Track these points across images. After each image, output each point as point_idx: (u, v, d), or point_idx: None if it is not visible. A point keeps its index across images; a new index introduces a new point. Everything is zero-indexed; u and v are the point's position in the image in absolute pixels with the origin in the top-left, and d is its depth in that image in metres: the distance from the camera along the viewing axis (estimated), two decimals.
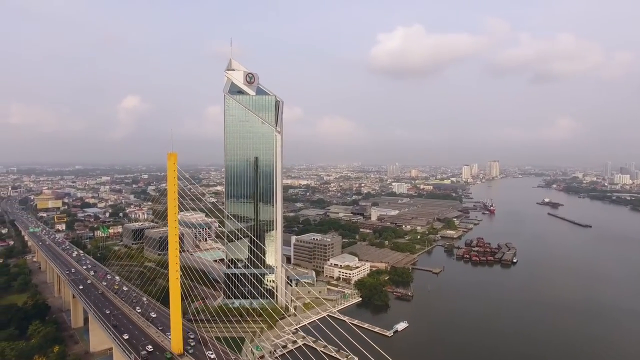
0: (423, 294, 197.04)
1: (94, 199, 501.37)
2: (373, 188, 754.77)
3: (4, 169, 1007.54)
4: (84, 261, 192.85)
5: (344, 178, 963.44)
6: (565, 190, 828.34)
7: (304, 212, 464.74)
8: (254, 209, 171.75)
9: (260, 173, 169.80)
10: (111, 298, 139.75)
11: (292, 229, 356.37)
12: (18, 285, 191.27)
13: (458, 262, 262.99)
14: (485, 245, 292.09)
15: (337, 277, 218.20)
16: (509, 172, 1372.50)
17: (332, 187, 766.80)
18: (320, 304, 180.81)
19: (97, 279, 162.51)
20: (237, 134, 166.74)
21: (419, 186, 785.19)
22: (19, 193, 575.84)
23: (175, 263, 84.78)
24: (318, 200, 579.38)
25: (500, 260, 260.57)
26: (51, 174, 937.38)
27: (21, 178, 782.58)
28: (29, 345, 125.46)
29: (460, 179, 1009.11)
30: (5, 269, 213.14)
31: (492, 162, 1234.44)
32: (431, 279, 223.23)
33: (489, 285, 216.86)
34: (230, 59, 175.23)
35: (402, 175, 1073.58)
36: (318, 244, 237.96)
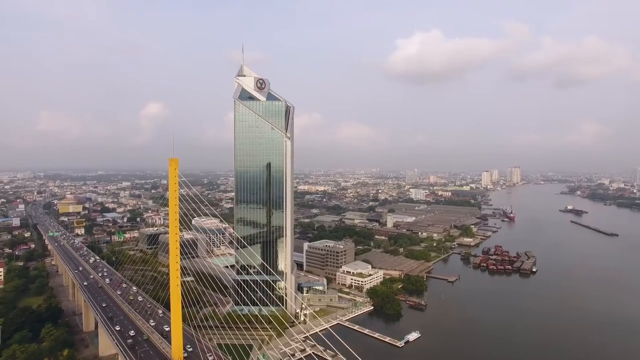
0: (437, 303, 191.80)
1: (114, 204, 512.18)
2: (390, 194, 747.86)
3: (32, 175, 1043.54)
4: (100, 268, 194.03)
5: (361, 184, 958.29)
6: (590, 197, 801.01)
7: (320, 218, 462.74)
8: (264, 215, 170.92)
9: (271, 179, 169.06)
10: (124, 309, 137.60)
11: (306, 235, 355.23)
12: (35, 288, 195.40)
13: (474, 271, 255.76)
14: (504, 254, 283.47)
15: (350, 284, 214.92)
16: (531, 179, 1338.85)
17: (349, 193, 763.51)
18: (330, 312, 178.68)
19: (113, 287, 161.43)
20: (247, 139, 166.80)
21: (437, 192, 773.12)
22: (43, 198, 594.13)
23: (175, 270, 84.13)
24: (334, 206, 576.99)
25: (519, 269, 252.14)
26: (75, 179, 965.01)
27: (47, 183, 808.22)
28: (40, 348, 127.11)
29: (479, 185, 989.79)
30: (25, 272, 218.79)
31: (513, 168, 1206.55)
32: (446, 287, 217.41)
33: (507, 295, 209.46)
34: (242, 65, 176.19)
35: (421, 181, 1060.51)
36: (330, 251, 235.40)
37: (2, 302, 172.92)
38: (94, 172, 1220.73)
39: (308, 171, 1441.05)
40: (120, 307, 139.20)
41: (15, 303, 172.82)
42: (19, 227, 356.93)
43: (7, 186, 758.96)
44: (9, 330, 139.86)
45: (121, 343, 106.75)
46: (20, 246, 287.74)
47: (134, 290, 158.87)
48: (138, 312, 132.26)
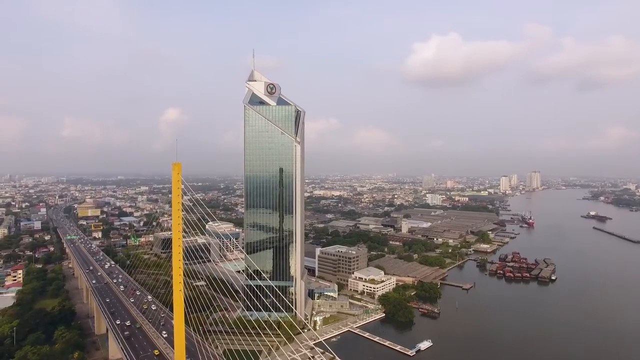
0: (451, 311, 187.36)
1: (131, 208, 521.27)
2: (406, 199, 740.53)
3: (55, 179, 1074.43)
4: (115, 274, 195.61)
5: (377, 189, 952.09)
6: (614, 202, 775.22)
7: (334, 223, 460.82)
8: (274, 220, 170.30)
9: (280, 183, 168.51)
10: (137, 318, 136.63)
11: (320, 240, 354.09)
12: (52, 290, 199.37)
13: (491, 278, 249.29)
14: (521, 261, 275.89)
15: (362, 291, 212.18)
16: (552, 184, 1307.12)
17: (365, 198, 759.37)
18: (341, 318, 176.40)
19: (127, 295, 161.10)
20: (256, 144, 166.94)
21: (454, 198, 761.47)
22: (64, 201, 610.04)
23: (178, 275, 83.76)
24: (349, 211, 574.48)
25: (537, 276, 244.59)
26: (95, 183, 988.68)
27: (68, 187, 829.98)
28: (52, 349, 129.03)
29: (498, 190, 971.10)
30: (43, 274, 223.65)
31: (533, 172, 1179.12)
32: (460, 295, 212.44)
33: (524, 303, 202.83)
34: (252, 70, 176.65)
35: (438, 186, 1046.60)
36: (343, 257, 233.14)
37: (20, 303, 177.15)
38: (114, 177, 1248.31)
39: (324, 176, 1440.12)
40: (133, 316, 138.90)
41: (32, 304, 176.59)
42: (40, 230, 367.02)
43: (32, 190, 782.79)
44: (23, 331, 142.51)
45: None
46: (40, 249, 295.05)
47: (148, 299, 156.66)
48: (150, 321, 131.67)
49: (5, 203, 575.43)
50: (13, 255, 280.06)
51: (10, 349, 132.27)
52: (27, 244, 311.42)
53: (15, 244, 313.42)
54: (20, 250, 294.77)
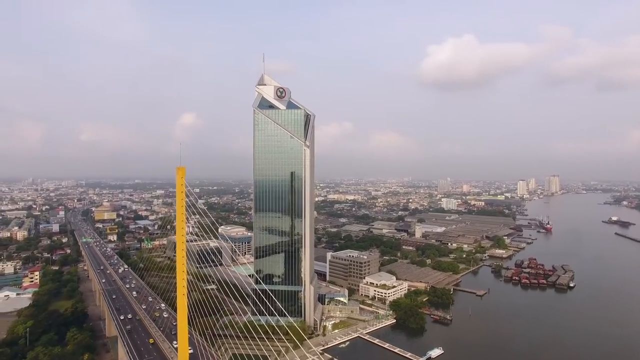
0: (463, 318, 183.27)
1: (147, 212, 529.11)
2: (421, 204, 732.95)
3: (74, 183, 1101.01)
4: (128, 279, 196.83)
5: (392, 193, 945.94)
6: (638, 207, 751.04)
7: (347, 227, 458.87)
8: (283, 224, 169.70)
9: (288, 188, 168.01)
10: (148, 327, 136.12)
11: (332, 244, 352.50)
12: (66, 292, 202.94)
13: (506, 285, 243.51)
14: (538, 267, 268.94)
15: (373, 296, 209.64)
16: (571, 188, 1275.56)
17: (379, 202, 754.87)
18: (351, 324, 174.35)
19: (139, 301, 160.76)
20: (265, 148, 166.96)
21: (470, 202, 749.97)
22: (83, 205, 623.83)
23: (182, 279, 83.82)
24: (363, 215, 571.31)
25: (554, 283, 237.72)
26: (113, 187, 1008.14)
27: (87, 191, 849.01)
28: (64, 351, 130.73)
29: (515, 194, 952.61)
30: (58, 276, 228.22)
31: (552, 176, 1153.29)
32: (474, 301, 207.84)
33: (540, 311, 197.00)
34: (262, 74, 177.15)
35: (453, 190, 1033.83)
36: (354, 261, 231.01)
37: (35, 304, 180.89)
38: (131, 181, 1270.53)
39: (339, 180, 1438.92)
40: (144, 325, 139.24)
41: (47, 306, 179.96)
42: (58, 233, 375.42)
43: (52, 193, 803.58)
44: (37, 332, 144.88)
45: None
46: (57, 251, 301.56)
47: (161, 307, 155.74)
48: (162, 330, 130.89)
49: (27, 206, 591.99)
50: (31, 257, 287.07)
51: (23, 349, 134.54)
52: (45, 246, 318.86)
53: (34, 245, 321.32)
54: (39, 252, 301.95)
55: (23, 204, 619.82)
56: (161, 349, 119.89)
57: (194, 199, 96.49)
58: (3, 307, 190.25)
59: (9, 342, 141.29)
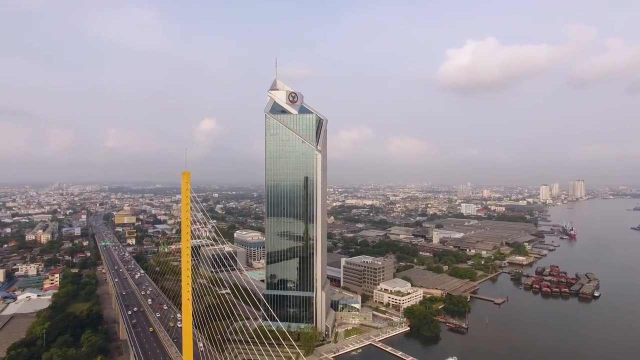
0: (480, 326, 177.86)
1: (166, 216, 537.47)
2: (440, 209, 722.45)
3: (98, 187, 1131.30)
4: (144, 285, 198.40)
5: (410, 198, 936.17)
6: None
7: (364, 233, 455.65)
8: (294, 229, 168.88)
9: (299, 193, 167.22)
10: (161, 339, 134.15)
11: (348, 249, 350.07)
12: (84, 295, 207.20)
13: (526, 293, 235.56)
14: (560, 275, 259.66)
15: (387, 303, 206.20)
16: (598, 193, 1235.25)
17: (397, 207, 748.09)
18: (363, 331, 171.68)
19: (153, 308, 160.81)
20: (277, 152, 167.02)
21: (490, 207, 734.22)
22: (104, 209, 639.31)
23: (187, 284, 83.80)
24: (380, 220, 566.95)
25: (577, 292, 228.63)
26: (135, 192, 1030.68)
27: (109, 195, 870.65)
28: (78, 353, 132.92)
29: (537, 200, 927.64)
30: (77, 278, 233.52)
31: (576, 181, 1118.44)
32: (492, 310, 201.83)
33: (562, 320, 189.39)
34: (275, 79, 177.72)
35: (474, 195, 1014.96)
36: (368, 267, 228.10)
37: (54, 306, 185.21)
38: (152, 186, 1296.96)
39: (358, 185, 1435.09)
40: (156, 334, 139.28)
41: (65, 308, 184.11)
42: (79, 236, 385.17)
43: (77, 198, 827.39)
44: (54, 334, 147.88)
45: None
46: (78, 254, 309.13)
47: (177, 316, 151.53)
48: (175, 341, 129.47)
49: (52, 210, 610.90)
50: (53, 259, 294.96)
51: (40, 350, 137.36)
52: (67, 249, 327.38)
53: (57, 248, 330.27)
54: (61, 255, 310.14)
55: (49, 207, 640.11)
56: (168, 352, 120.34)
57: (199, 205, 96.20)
58: (24, 308, 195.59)
59: (27, 342, 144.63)
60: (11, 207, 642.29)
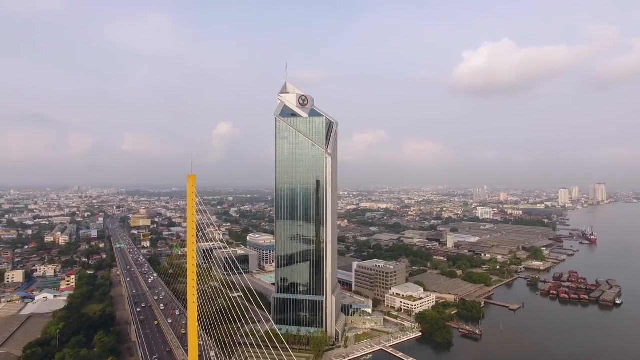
0: (494, 333, 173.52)
1: (181, 219, 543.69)
2: (455, 213, 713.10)
3: (116, 191, 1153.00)
4: (157, 290, 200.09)
5: (426, 202, 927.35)
6: None
7: (378, 236, 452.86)
8: (304, 233, 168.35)
9: (310, 196, 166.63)
10: (172, 346, 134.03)
11: (361, 253, 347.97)
12: (98, 296, 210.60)
13: (543, 299, 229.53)
14: (580, 281, 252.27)
15: (399, 307, 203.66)
16: (620, 196, 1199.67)
17: (412, 211, 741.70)
18: (374, 336, 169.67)
19: (165, 315, 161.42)
20: (287, 156, 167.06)
21: (507, 211, 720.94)
22: (121, 212, 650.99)
23: (192, 287, 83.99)
24: (394, 224, 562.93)
25: (597, 299, 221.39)
26: (151, 195, 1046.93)
27: (126, 198, 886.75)
28: (90, 353, 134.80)
29: (556, 203, 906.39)
30: (92, 280, 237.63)
31: (597, 184, 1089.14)
32: (507, 316, 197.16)
33: (580, 328, 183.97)
34: (285, 82, 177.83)
35: (490, 199, 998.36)
36: (380, 271, 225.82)
37: (69, 307, 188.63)
38: (168, 189, 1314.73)
39: (373, 188, 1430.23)
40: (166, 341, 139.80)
41: (80, 308, 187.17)
42: (96, 238, 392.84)
43: (95, 201, 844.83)
44: (67, 334, 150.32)
45: None
46: (94, 256, 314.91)
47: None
48: (186, 350, 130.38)
49: (71, 212, 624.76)
50: (71, 261, 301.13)
51: (54, 350, 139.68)
52: (83, 250, 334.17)
53: (74, 250, 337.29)
54: (77, 256, 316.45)
55: (68, 210, 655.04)
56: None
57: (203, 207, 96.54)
58: (41, 308, 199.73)
59: (42, 342, 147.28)
60: (33, 209, 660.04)
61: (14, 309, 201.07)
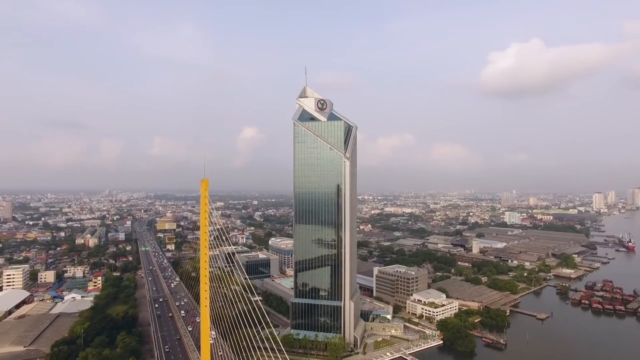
0: (520, 343, 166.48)
1: None
2: (482, 218, 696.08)
3: (144, 194, 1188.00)
4: (179, 295, 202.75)
5: (452, 206, 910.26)
6: None
7: (401, 241, 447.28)
8: (324, 238, 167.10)
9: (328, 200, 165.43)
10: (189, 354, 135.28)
11: (384, 258, 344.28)
12: (123, 297, 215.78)
13: (573, 308, 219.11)
14: (615, 291, 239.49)
15: (420, 314, 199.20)
16: None
17: (437, 215, 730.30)
18: (394, 343, 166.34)
19: (186, 321, 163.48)
20: (305, 160, 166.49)
21: (536, 216, 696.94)
22: (149, 215, 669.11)
23: (205, 290, 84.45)
24: (419, 229, 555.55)
25: (635, 311, 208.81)
26: (178, 199, 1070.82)
27: (154, 202, 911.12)
28: (112, 353, 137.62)
29: (590, 208, 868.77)
30: (118, 281, 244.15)
31: (636, 188, 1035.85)
32: (534, 325, 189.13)
33: (614, 340, 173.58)
34: (305, 86, 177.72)
35: (519, 204, 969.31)
36: (401, 277, 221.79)
37: (95, 307, 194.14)
38: (195, 193, 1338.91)
39: (398, 192, 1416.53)
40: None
41: (105, 309, 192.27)
42: (123, 241, 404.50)
43: (124, 204, 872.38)
44: (92, 334, 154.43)
45: None
46: (121, 258, 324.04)
47: (212, 335, 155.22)
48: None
49: (101, 215, 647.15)
50: (99, 262, 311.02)
51: (78, 348, 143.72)
52: (111, 253, 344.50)
53: (102, 252, 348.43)
54: (105, 258, 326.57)
55: (99, 213, 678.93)
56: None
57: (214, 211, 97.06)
58: (69, 308, 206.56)
59: (68, 341, 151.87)
60: (67, 212, 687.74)
61: (44, 308, 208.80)
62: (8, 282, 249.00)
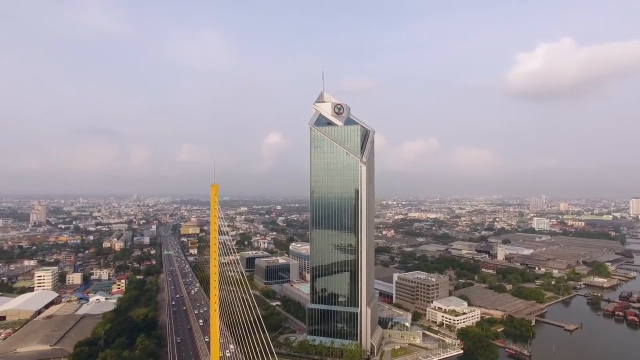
0: (546, 354, 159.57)
1: (229, 228, 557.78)
2: (509, 223, 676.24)
3: (171, 199, 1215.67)
4: (199, 303, 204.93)
5: (477, 212, 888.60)
6: None
7: (424, 247, 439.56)
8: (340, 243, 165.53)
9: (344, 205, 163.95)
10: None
11: (406, 264, 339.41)
12: (144, 300, 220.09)
13: (605, 320, 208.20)
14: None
15: (440, 322, 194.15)
16: None
17: (462, 221, 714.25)
18: (412, 351, 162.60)
19: (203, 332, 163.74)
20: (322, 165, 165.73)
21: (567, 222, 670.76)
22: (174, 220, 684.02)
23: (214, 295, 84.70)
24: (442, 235, 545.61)
25: None
26: (203, 204, 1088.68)
27: (180, 207, 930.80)
28: (131, 355, 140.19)
29: (627, 214, 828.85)
30: (141, 285, 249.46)
31: None
32: (561, 337, 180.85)
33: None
34: (322, 91, 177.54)
35: (548, 209, 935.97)
36: (421, 284, 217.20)
37: (117, 309, 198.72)
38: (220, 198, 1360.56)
39: (423, 197, 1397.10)
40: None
41: (127, 312, 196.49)
42: (148, 245, 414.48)
43: (151, 209, 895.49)
44: (113, 335, 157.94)
45: None
46: (145, 261, 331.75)
47: (230, 348, 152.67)
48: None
49: (129, 220, 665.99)
50: (123, 265, 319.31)
51: (99, 349, 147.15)
52: (135, 256, 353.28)
53: (127, 256, 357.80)
54: (130, 261, 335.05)
55: (126, 217, 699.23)
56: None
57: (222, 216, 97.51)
58: (93, 310, 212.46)
59: (90, 341, 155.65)
60: (96, 216, 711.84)
61: (71, 309, 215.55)
62: (39, 283, 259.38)
